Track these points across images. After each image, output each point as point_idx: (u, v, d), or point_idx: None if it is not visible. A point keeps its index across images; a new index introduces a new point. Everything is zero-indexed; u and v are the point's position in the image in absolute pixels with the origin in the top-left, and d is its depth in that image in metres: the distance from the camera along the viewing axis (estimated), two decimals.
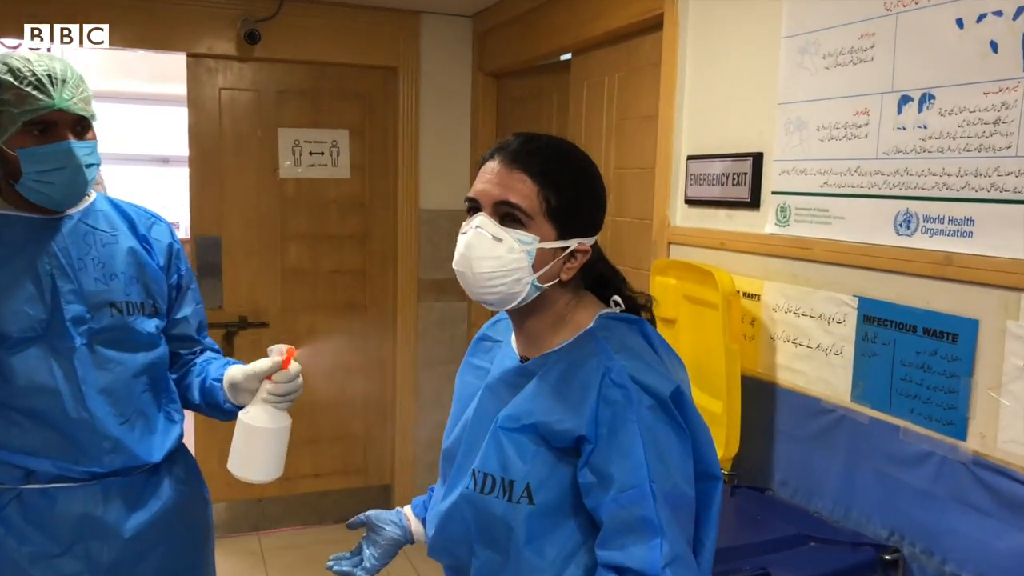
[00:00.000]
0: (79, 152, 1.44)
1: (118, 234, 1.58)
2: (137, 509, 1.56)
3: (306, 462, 3.76)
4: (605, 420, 1.05)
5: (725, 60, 2.05)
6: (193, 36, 3.29)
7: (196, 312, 1.73)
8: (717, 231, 2.06)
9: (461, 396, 1.30)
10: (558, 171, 1.14)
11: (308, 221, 3.64)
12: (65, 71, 1.44)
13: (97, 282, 1.52)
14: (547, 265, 1.13)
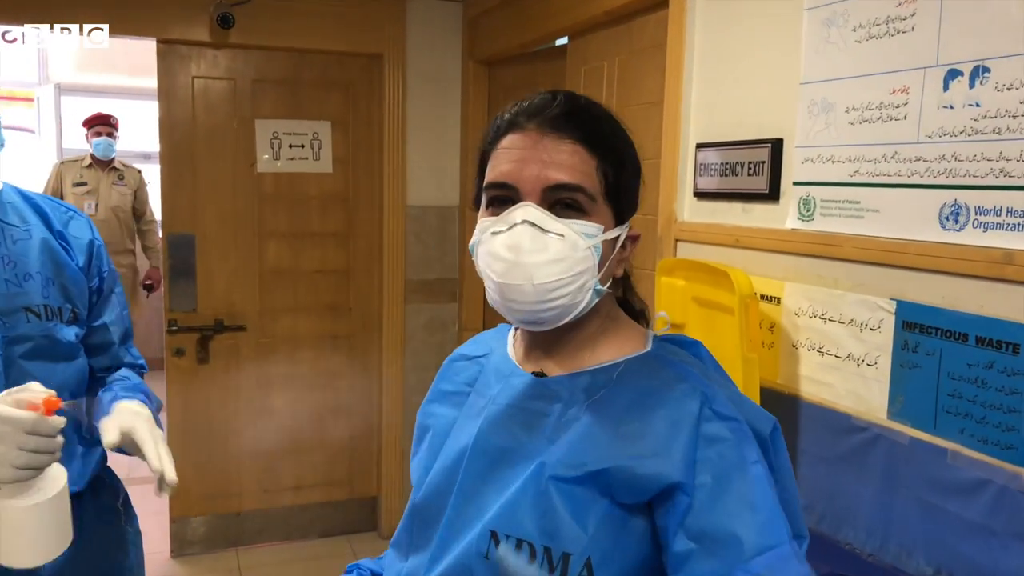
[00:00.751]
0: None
1: (31, 228, 1.38)
2: None
3: (287, 474, 3.56)
4: (709, 464, 0.79)
5: (739, 38, 1.85)
6: (163, 21, 3.09)
7: (120, 319, 1.52)
8: (731, 227, 1.86)
9: (435, 434, 1.01)
10: (613, 136, 0.91)
11: (288, 218, 3.43)
12: None
13: (9, 283, 1.31)
14: (608, 261, 0.90)
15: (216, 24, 3.07)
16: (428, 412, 1.05)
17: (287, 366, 3.50)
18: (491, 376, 0.99)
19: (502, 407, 0.93)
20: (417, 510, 0.97)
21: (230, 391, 3.42)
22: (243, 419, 3.46)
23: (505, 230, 0.86)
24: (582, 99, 0.93)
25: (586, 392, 0.89)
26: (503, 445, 0.90)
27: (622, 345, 0.94)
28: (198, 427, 3.39)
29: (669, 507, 0.79)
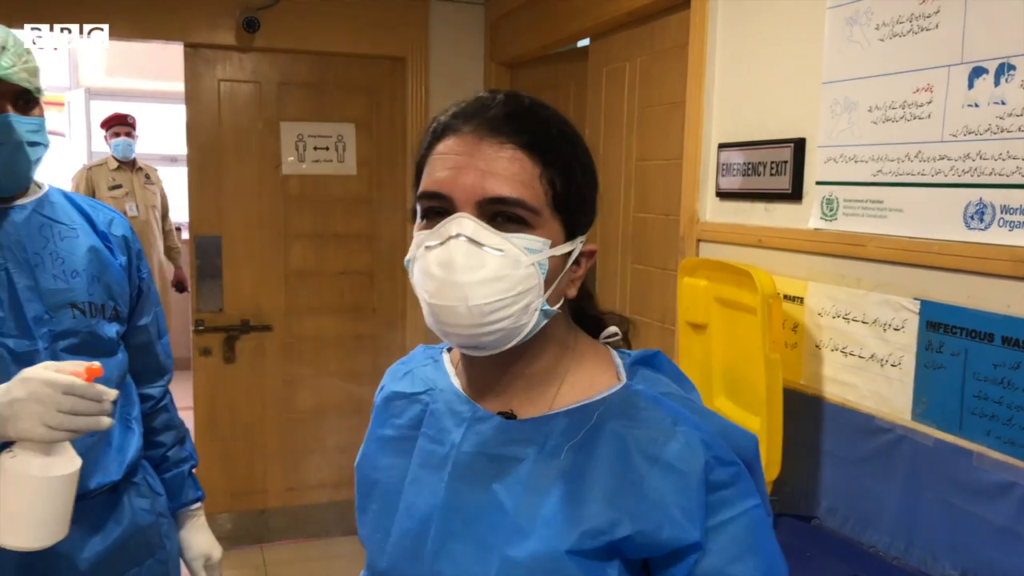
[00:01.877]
0: (20, 127, 1.28)
1: (77, 229, 1.43)
2: (94, 536, 1.39)
3: (311, 472, 3.59)
4: (718, 509, 0.76)
5: (761, 37, 1.84)
6: (190, 25, 3.13)
7: (156, 318, 1.59)
8: (753, 227, 1.85)
9: (387, 489, 0.90)
10: (561, 141, 0.81)
11: (312, 219, 3.46)
12: (6, 38, 1.29)
13: (57, 279, 1.36)
14: (557, 279, 0.81)
15: (242, 28, 3.11)
16: (373, 464, 0.94)
17: (312, 366, 3.53)
18: (446, 418, 0.88)
19: (470, 456, 0.84)
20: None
21: (255, 390, 3.46)
22: (268, 418, 3.50)
23: (438, 244, 0.78)
24: (526, 99, 0.83)
25: (564, 435, 0.81)
26: (478, 500, 0.81)
27: (593, 376, 0.86)
28: (224, 425, 3.44)
29: (680, 560, 0.76)
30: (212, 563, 1.64)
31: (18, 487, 1.11)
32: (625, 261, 2.52)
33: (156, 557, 1.51)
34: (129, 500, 1.46)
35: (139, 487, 1.50)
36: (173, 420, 1.66)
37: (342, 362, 3.57)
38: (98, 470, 1.38)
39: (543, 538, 0.77)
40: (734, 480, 0.77)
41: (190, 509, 1.65)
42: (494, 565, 0.78)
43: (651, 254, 2.39)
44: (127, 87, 6.22)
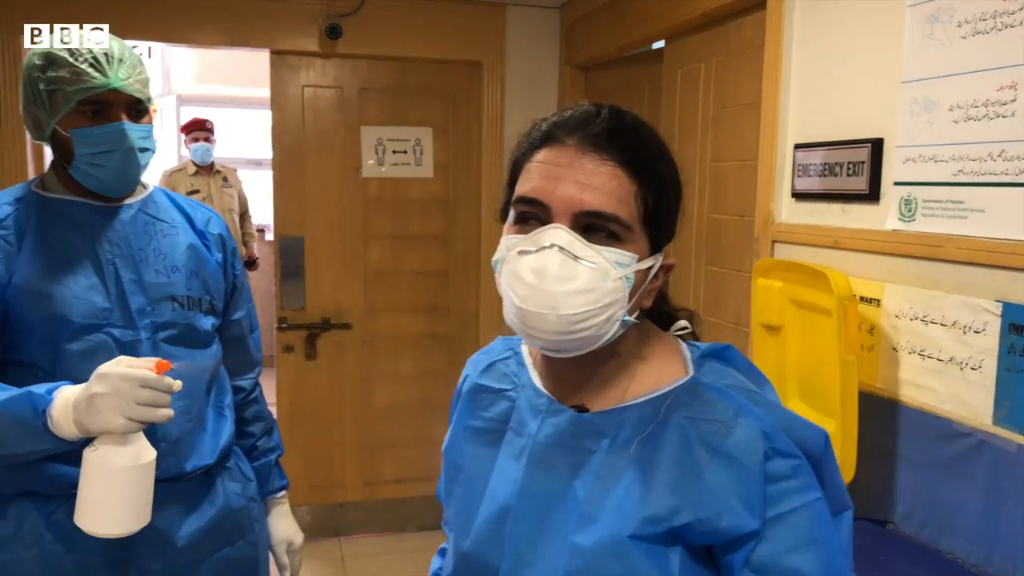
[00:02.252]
0: (133, 134, 1.37)
1: (177, 227, 1.52)
2: (190, 515, 1.48)
3: (388, 468, 3.68)
4: (773, 501, 0.78)
5: (838, 36, 1.82)
6: (276, 32, 3.25)
7: (248, 313, 1.68)
8: (829, 228, 1.84)
9: (471, 476, 0.94)
10: (657, 160, 0.84)
11: (391, 221, 3.55)
12: (122, 51, 1.38)
13: (159, 274, 1.45)
14: (638, 291, 0.84)
15: (325, 35, 3.22)
16: (459, 452, 0.98)
17: (389, 363, 3.62)
18: (525, 412, 0.92)
19: (545, 447, 0.88)
20: (469, 559, 0.91)
21: (335, 386, 3.57)
22: (347, 413, 3.61)
23: (533, 251, 0.80)
24: (628, 116, 0.85)
25: (635, 428, 0.84)
26: (552, 489, 0.85)
27: (661, 371, 0.88)
28: (305, 420, 3.56)
29: (739, 547, 0.78)
30: (294, 548, 1.72)
31: (102, 478, 1.18)
32: (699, 263, 2.52)
33: (247, 539, 1.58)
34: (222, 483, 1.54)
35: (232, 472, 1.58)
36: (262, 411, 1.74)
37: (417, 360, 3.65)
38: (194, 454, 1.46)
39: (608, 524, 0.81)
40: (795, 472, 0.78)
41: (275, 497, 1.73)
42: (564, 550, 0.82)
43: (725, 256, 2.38)
44: (215, 93, 6.47)
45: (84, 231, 1.41)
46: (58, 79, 1.33)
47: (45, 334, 1.35)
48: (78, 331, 1.36)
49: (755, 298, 1.94)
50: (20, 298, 1.34)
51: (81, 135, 1.35)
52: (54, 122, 1.36)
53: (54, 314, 1.35)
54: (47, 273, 1.36)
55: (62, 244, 1.39)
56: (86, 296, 1.37)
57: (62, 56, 1.33)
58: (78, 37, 1.36)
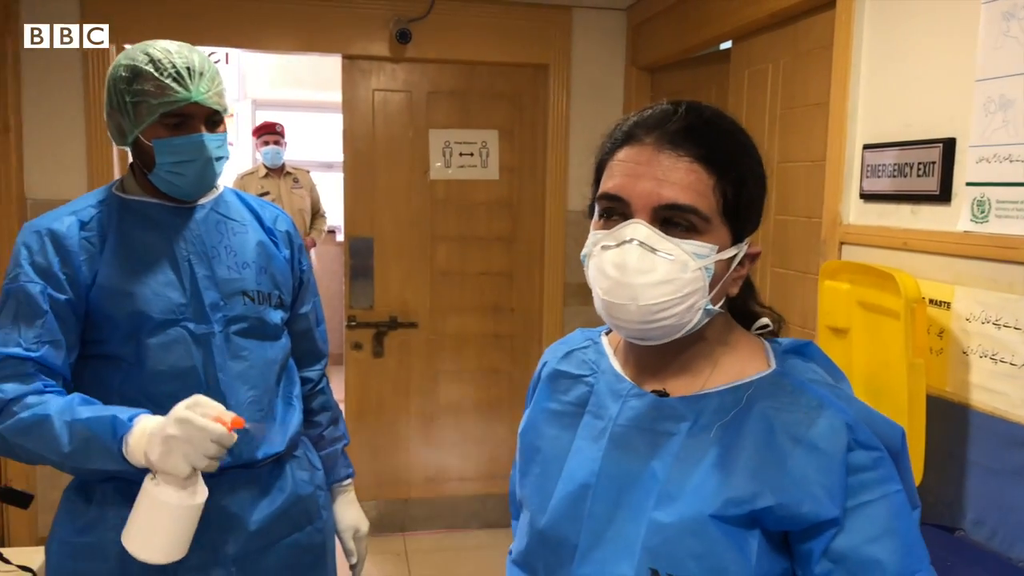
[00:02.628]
0: (210, 145, 1.45)
1: (247, 225, 1.59)
2: (262, 501, 1.54)
3: (452, 465, 3.74)
4: (860, 490, 0.80)
5: (909, 35, 1.80)
6: (348, 38, 3.34)
7: (315, 307, 1.74)
8: (898, 229, 1.81)
9: (549, 456, 0.97)
10: (736, 153, 0.86)
11: (457, 223, 3.61)
12: (203, 64, 1.45)
13: (230, 270, 1.52)
14: (721, 281, 0.87)
15: (395, 40, 3.29)
16: (537, 433, 1.02)
17: (453, 362, 3.68)
18: (606, 396, 0.95)
19: (626, 429, 0.91)
20: (545, 536, 0.94)
21: (401, 384, 3.65)
22: (412, 410, 3.68)
23: (614, 246, 0.85)
24: (706, 111, 0.89)
25: (715, 414, 0.87)
26: (631, 469, 0.88)
27: (744, 362, 0.91)
28: (371, 417, 3.64)
29: (817, 535, 0.80)
30: (360, 535, 1.78)
31: (155, 510, 1.26)
32: (765, 264, 2.50)
33: (314, 525, 1.64)
34: (291, 471, 1.61)
35: (300, 460, 1.64)
36: (329, 402, 1.81)
37: (481, 359, 3.70)
38: (264, 442, 1.53)
39: (689, 503, 0.83)
40: (876, 464, 0.80)
41: (342, 484, 1.80)
42: (643, 527, 0.85)
43: (792, 257, 2.36)
44: (288, 98, 6.65)
45: (161, 230, 1.49)
46: (143, 92, 1.40)
47: (128, 329, 1.43)
48: (157, 326, 1.44)
49: (822, 300, 1.92)
50: (103, 296, 1.42)
51: (163, 145, 1.42)
52: (137, 131, 1.43)
53: (136, 311, 1.43)
54: (128, 272, 1.44)
55: (141, 244, 1.47)
56: (164, 293, 1.45)
57: (147, 70, 1.40)
58: (163, 51, 1.43)
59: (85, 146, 3.14)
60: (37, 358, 1.35)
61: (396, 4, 3.30)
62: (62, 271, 1.40)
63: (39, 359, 1.36)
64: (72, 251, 1.41)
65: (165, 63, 1.41)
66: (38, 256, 1.40)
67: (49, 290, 1.38)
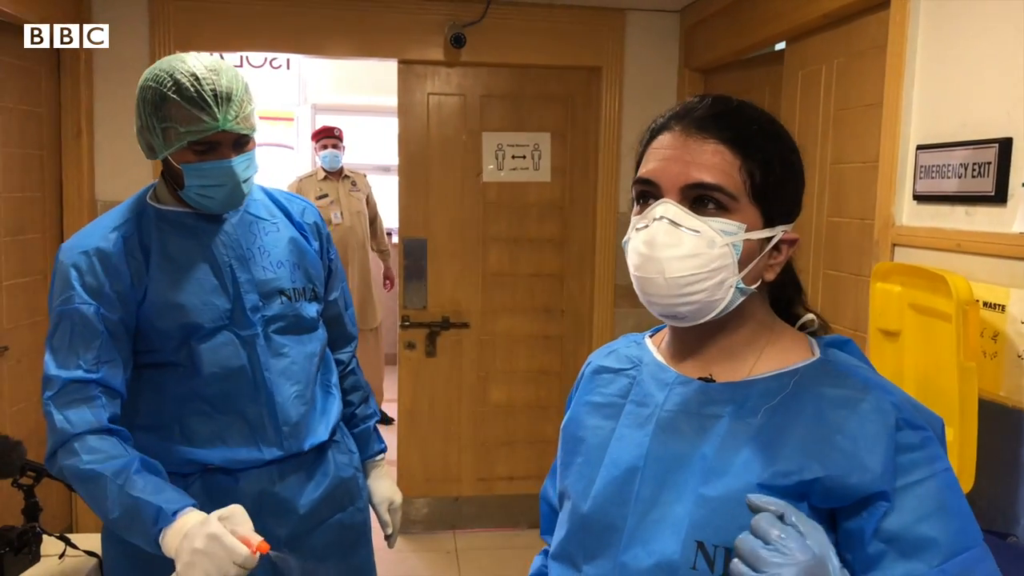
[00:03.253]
0: (238, 168, 1.48)
1: (278, 222, 1.63)
2: (308, 485, 1.62)
3: (501, 464, 3.77)
4: (903, 470, 0.81)
5: (964, 34, 1.77)
6: (404, 43, 3.41)
7: (343, 292, 1.80)
8: (952, 231, 1.78)
9: (592, 446, 1.00)
10: (761, 137, 0.89)
11: (508, 224, 3.65)
12: (231, 86, 1.43)
13: (266, 270, 1.57)
14: (752, 261, 0.89)
15: (450, 44, 3.35)
16: (580, 424, 1.04)
17: (504, 363, 3.72)
18: (650, 385, 0.98)
19: (673, 414, 0.93)
20: (588, 522, 0.96)
21: (453, 383, 3.70)
22: (463, 410, 3.72)
23: (645, 226, 0.89)
24: (733, 101, 0.92)
25: (761, 398, 0.89)
26: (678, 451, 0.90)
27: (788, 352, 0.93)
28: (423, 415, 3.70)
29: (866, 512, 0.81)
30: (395, 507, 1.83)
31: None
32: (817, 266, 2.48)
33: (356, 505, 1.73)
34: (333, 456, 1.68)
35: (339, 445, 1.71)
36: (359, 381, 1.86)
37: (531, 360, 3.73)
38: (310, 434, 1.60)
39: (737, 476, 0.86)
40: (924, 444, 0.82)
41: (375, 460, 1.85)
42: (690, 504, 0.87)
43: (844, 259, 2.34)
44: (347, 102, 6.78)
45: (199, 237, 1.52)
46: (171, 118, 1.41)
47: (180, 338, 1.48)
48: (207, 333, 1.49)
49: (873, 303, 1.90)
50: (154, 311, 1.46)
51: (191, 170, 1.45)
52: (166, 153, 1.45)
53: (187, 322, 1.47)
54: (175, 284, 1.47)
55: (183, 254, 1.50)
56: (211, 301, 1.49)
57: (173, 97, 1.39)
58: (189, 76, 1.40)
59: None
60: (98, 379, 1.38)
61: (451, 9, 3.36)
62: (113, 290, 1.42)
63: (100, 380, 1.38)
64: (120, 270, 1.44)
65: (191, 89, 1.39)
66: (88, 277, 1.41)
67: (102, 310, 1.41)
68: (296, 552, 1.59)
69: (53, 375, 1.38)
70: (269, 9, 3.26)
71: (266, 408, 1.53)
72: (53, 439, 1.37)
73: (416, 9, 3.36)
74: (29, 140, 2.98)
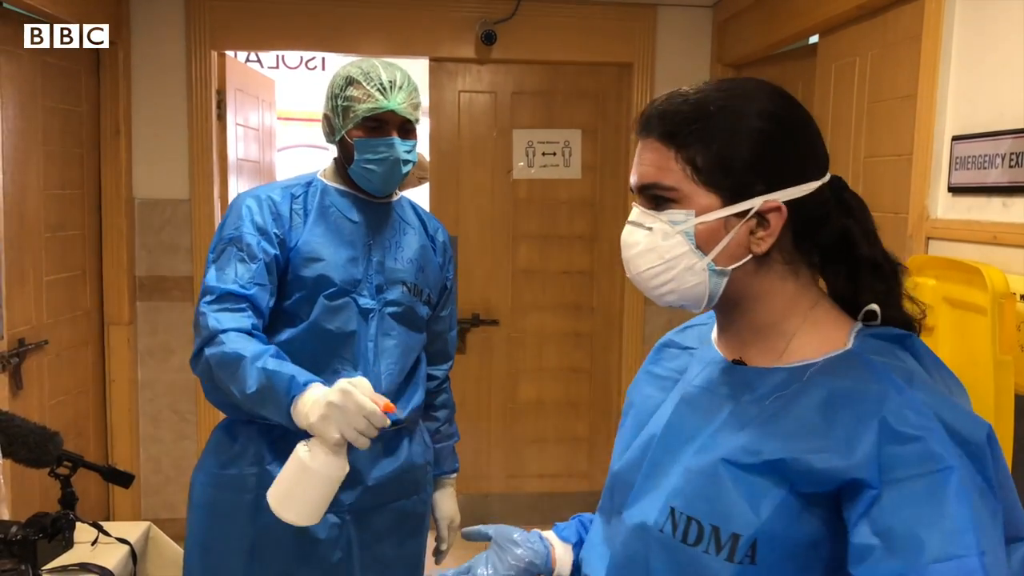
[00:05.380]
0: (400, 148, 1.67)
1: (415, 228, 1.81)
2: (381, 460, 1.72)
3: (532, 461, 3.77)
4: (899, 462, 0.76)
5: (1000, 24, 1.73)
6: (435, 40, 3.43)
7: (452, 313, 1.94)
8: (988, 223, 1.75)
9: (640, 411, 1.04)
10: (697, 121, 0.87)
11: (539, 221, 3.65)
12: (403, 79, 1.67)
13: (397, 261, 1.74)
14: (720, 242, 0.88)
15: (481, 41, 3.36)
16: (636, 390, 1.09)
17: (534, 360, 3.71)
18: (696, 363, 1.01)
19: (698, 390, 0.96)
20: (615, 479, 1.02)
21: (483, 380, 3.70)
22: (493, 406, 3.73)
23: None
24: (680, 94, 0.91)
25: (777, 387, 0.88)
26: (691, 425, 0.93)
27: (822, 340, 0.89)
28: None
29: (854, 501, 0.78)
30: (454, 526, 1.95)
31: (302, 475, 1.35)
32: None
33: (420, 496, 1.82)
34: (409, 441, 1.78)
35: (417, 435, 1.81)
36: (449, 400, 1.99)
37: (561, 358, 3.72)
38: (397, 413, 1.66)
39: (715, 451, 0.88)
40: (926, 435, 0.76)
41: (448, 477, 1.97)
42: (677, 473, 0.91)
43: None
44: None
45: (354, 215, 1.72)
46: (352, 98, 1.65)
47: (311, 289, 1.65)
48: (335, 293, 1.66)
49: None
50: (300, 259, 1.65)
51: (362, 143, 1.65)
52: (343, 131, 1.67)
53: (323, 275, 1.65)
54: (323, 242, 1.67)
55: (337, 223, 1.70)
56: (347, 266, 1.68)
57: (359, 80, 1.64)
58: (372, 66, 1.66)
59: (187, 149, 3.32)
60: (250, 296, 1.58)
61: (482, 6, 3.37)
62: (274, 230, 1.64)
63: (251, 297, 1.58)
64: (284, 216, 1.67)
65: (373, 76, 1.64)
66: (257, 216, 1.64)
67: (263, 243, 1.62)
68: (357, 523, 1.70)
69: (213, 286, 1.58)
70: (303, 9, 3.30)
71: (371, 374, 1.64)
72: (203, 336, 1.54)
73: (447, 7, 3.38)
74: (70, 138, 3.05)
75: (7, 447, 1.82)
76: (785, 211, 0.87)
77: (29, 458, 1.83)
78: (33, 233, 2.81)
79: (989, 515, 0.75)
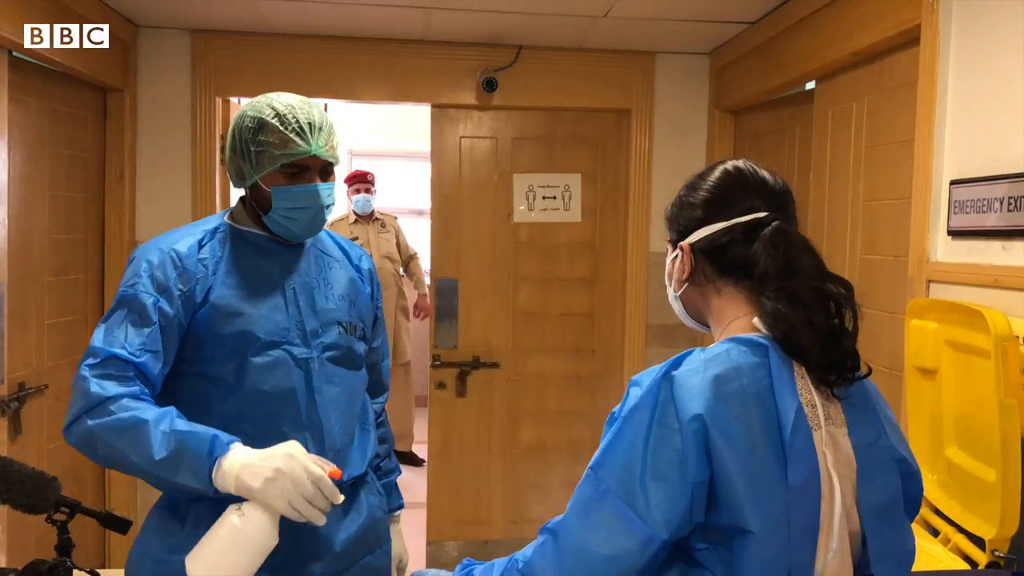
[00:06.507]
0: (323, 194, 1.57)
1: (340, 261, 1.71)
2: (344, 521, 1.61)
3: (533, 506, 3.73)
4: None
5: (996, 69, 1.76)
6: (437, 87, 3.47)
7: (384, 342, 1.85)
8: (989, 266, 1.76)
9: None
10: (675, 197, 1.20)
11: (539, 264, 3.66)
12: (322, 120, 1.55)
13: (328, 300, 1.63)
14: (673, 276, 1.19)
15: (482, 88, 3.40)
16: None
17: (535, 403, 3.70)
18: None
19: None
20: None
21: (483, 423, 3.68)
22: (494, 450, 3.70)
23: None
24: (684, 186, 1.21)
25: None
26: None
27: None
28: (454, 455, 3.68)
29: None
30: (403, 565, 1.84)
31: (234, 542, 1.26)
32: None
33: (383, 548, 1.71)
34: (366, 496, 1.68)
35: (370, 486, 1.71)
36: (388, 434, 1.89)
37: (562, 401, 3.71)
38: (349, 464, 1.60)
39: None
40: (628, 395, 1.09)
41: (394, 515, 1.85)
42: None
43: (879, 297, 2.30)
44: (381, 147, 6.89)
45: (270, 260, 1.59)
46: (267, 143, 1.51)
47: (233, 347, 1.50)
48: (263, 347, 1.52)
49: (909, 340, 1.87)
50: (214, 314, 1.50)
51: (281, 192, 1.53)
52: (257, 177, 1.54)
53: (244, 330, 1.51)
54: (239, 293, 1.53)
55: (252, 270, 1.57)
56: (271, 315, 1.54)
57: (272, 123, 1.51)
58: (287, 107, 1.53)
59: (191, 194, 3.35)
60: (139, 364, 1.41)
61: (484, 54, 3.42)
62: (177, 287, 1.48)
63: (140, 365, 1.41)
64: (189, 270, 1.50)
65: (289, 118, 1.52)
66: (158, 270, 1.48)
67: (161, 303, 1.45)
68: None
69: (98, 347, 1.42)
70: (306, 56, 3.35)
71: (312, 434, 1.54)
72: (83, 403, 1.39)
73: (449, 55, 3.43)
74: (75, 183, 3.07)
75: (5, 492, 1.80)
76: (688, 248, 1.14)
77: (27, 503, 1.81)
78: (36, 277, 2.82)
79: (621, 444, 1.08)
